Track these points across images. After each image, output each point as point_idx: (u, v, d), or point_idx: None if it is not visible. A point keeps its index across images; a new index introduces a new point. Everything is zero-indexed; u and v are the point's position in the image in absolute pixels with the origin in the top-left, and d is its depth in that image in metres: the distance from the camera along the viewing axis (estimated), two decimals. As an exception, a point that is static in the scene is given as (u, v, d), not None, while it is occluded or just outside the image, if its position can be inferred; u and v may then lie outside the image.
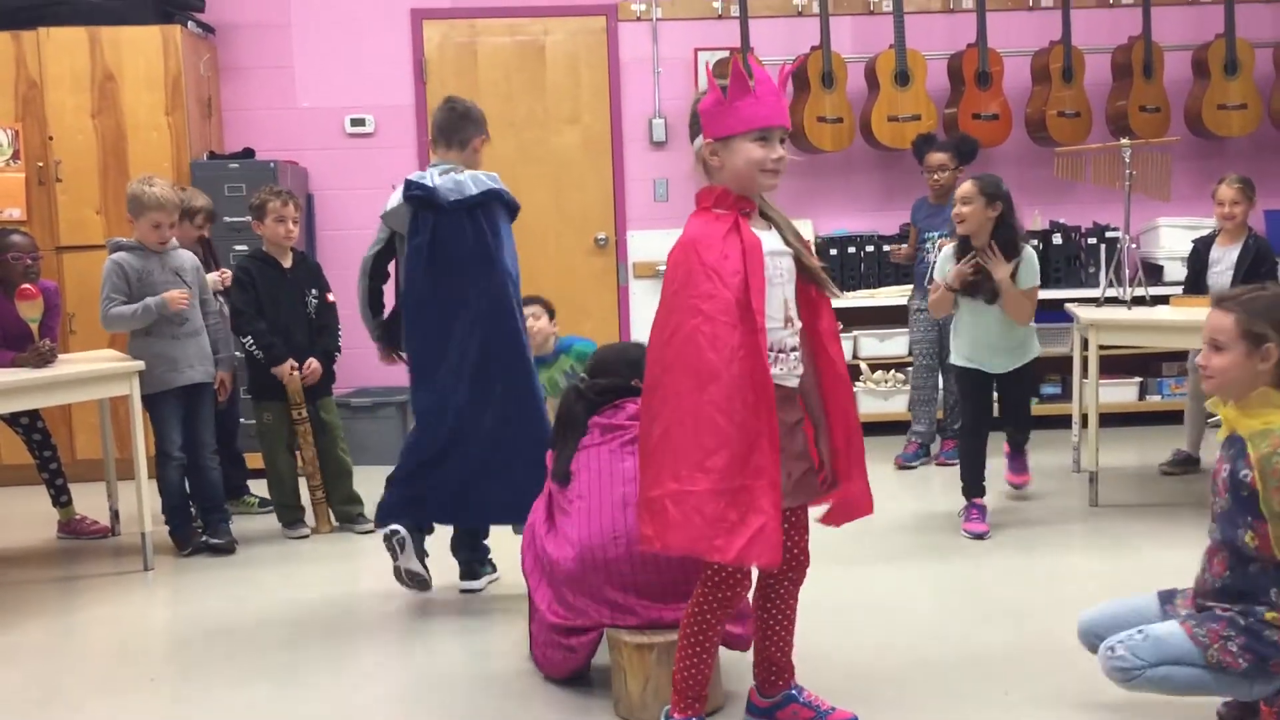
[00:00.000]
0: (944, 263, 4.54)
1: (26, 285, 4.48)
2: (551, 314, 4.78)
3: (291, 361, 4.75)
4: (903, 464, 5.59)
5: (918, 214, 5.64)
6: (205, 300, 4.75)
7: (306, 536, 4.82)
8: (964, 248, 4.44)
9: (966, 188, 4.40)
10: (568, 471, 3.13)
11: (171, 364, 4.54)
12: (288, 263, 4.86)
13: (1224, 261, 5.15)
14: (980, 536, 4.39)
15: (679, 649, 2.67)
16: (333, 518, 4.90)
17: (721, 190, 2.57)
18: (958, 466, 4.61)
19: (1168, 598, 2.81)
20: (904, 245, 5.77)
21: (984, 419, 4.55)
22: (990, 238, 4.35)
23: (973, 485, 4.52)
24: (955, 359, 4.61)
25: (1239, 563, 2.62)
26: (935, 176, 5.40)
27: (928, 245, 5.41)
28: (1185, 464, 5.23)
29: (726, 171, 2.55)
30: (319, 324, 4.87)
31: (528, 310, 4.17)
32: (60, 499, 4.97)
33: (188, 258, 4.70)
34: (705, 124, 2.55)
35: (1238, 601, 2.61)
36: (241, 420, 5.28)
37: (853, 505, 2.73)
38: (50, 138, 5.89)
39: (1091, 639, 2.81)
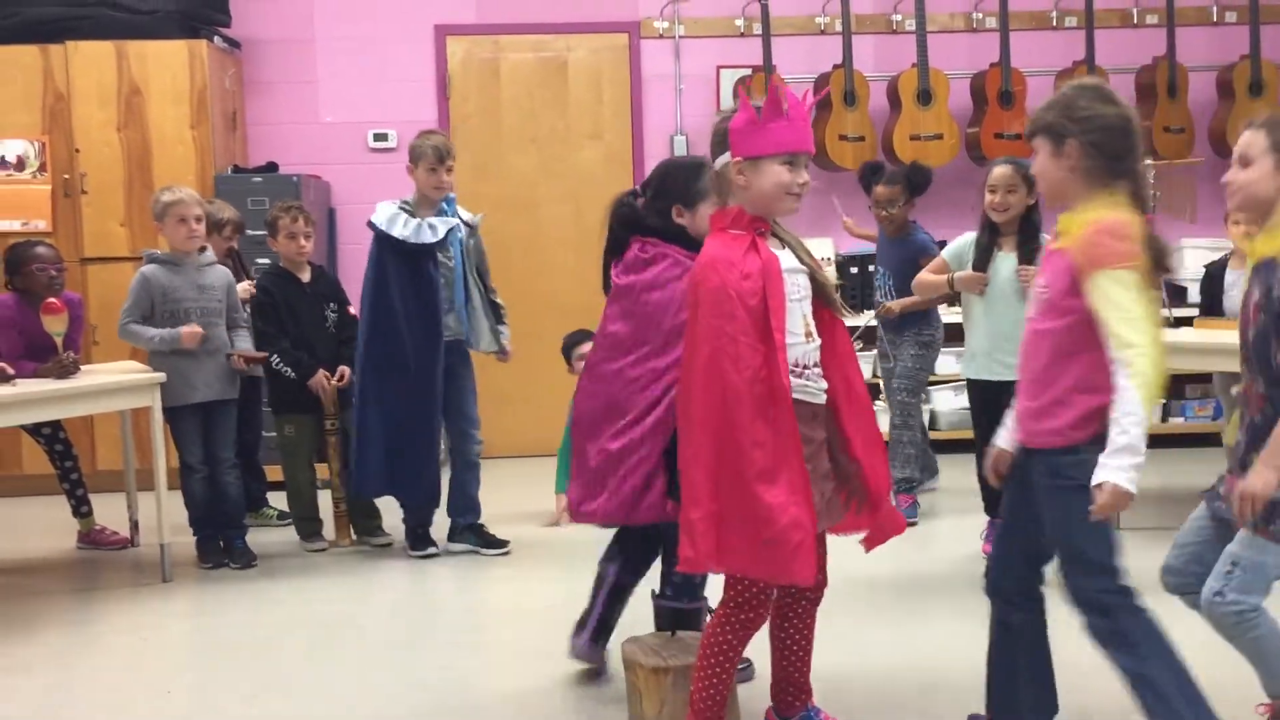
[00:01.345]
0: (963, 250, 4.32)
1: (52, 300, 4.50)
2: None
3: (323, 372, 4.75)
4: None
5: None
6: (235, 317, 4.75)
7: (324, 549, 4.83)
8: (991, 236, 4.22)
9: (1006, 174, 4.13)
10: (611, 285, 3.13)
11: (186, 380, 4.53)
12: (306, 277, 4.86)
13: (1240, 284, 5.03)
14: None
15: (697, 670, 2.66)
16: (353, 531, 4.90)
17: (737, 211, 2.57)
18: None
19: (1212, 496, 2.70)
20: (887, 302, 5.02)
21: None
22: (1018, 227, 4.16)
23: (995, 501, 4.40)
24: (967, 369, 4.39)
25: (1275, 390, 2.52)
26: (885, 212, 4.98)
27: (878, 281, 5.12)
28: None
29: (751, 192, 2.54)
30: (341, 337, 4.85)
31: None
32: (80, 509, 4.99)
33: (220, 274, 4.70)
34: (735, 142, 2.54)
35: None
36: (263, 433, 5.29)
37: (886, 526, 2.73)
38: (76, 150, 5.94)
39: (1169, 579, 2.73)
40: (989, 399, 4.26)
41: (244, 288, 4.95)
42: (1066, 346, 2.44)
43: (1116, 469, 2.31)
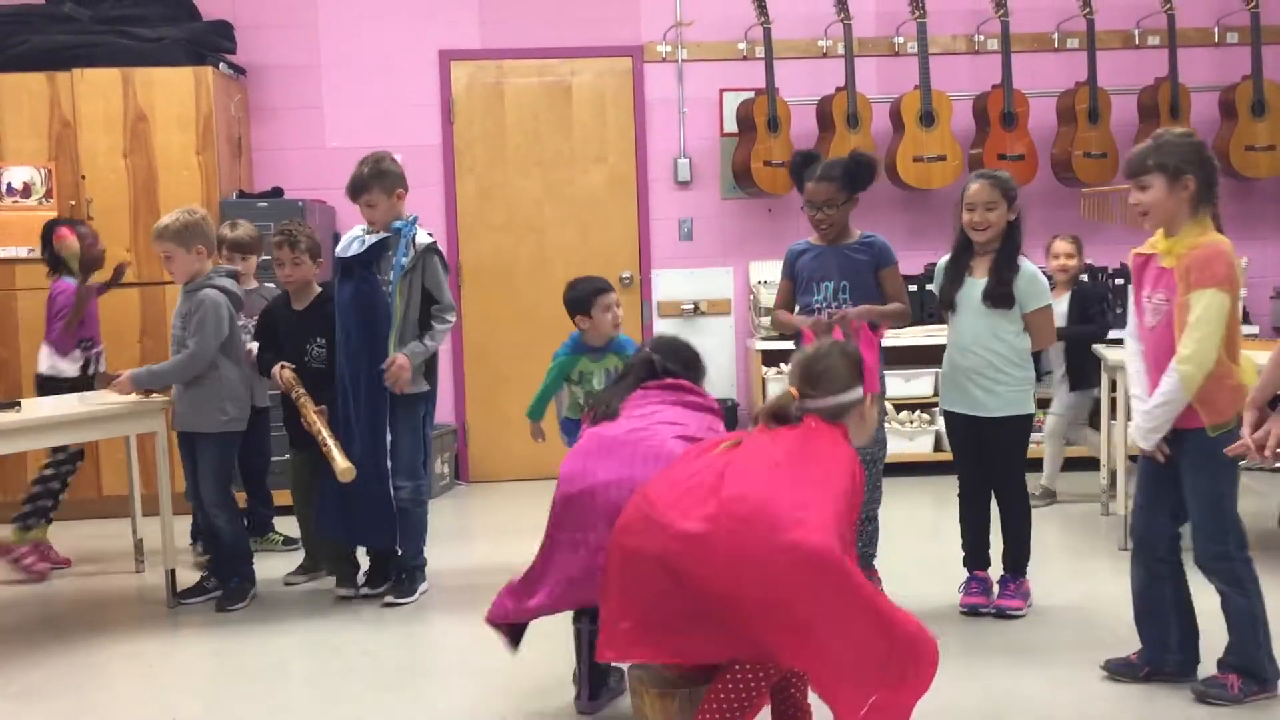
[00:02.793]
0: (938, 276, 4.13)
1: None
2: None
3: (283, 365, 4.48)
4: None
5: (798, 260, 4.24)
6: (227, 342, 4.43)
7: (354, 595, 4.51)
8: (964, 255, 4.01)
9: (985, 190, 3.90)
10: (615, 409, 3.23)
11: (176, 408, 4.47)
12: (301, 305, 4.64)
13: (1056, 310, 4.70)
14: (976, 611, 4.01)
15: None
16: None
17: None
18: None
19: None
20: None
21: (980, 474, 4.08)
22: (999, 244, 3.94)
23: (975, 554, 4.10)
24: (943, 399, 4.17)
25: None
26: (819, 214, 4.10)
27: (818, 300, 4.14)
28: (1049, 498, 5.63)
29: (866, 425, 2.82)
30: (324, 374, 4.48)
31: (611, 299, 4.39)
32: (27, 521, 4.92)
33: (190, 302, 4.42)
34: (869, 380, 2.82)
35: None
36: (273, 458, 5.25)
37: None
38: (83, 177, 5.97)
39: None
40: (957, 430, 4.10)
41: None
42: None
43: (1134, 426, 3.29)
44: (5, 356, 5.94)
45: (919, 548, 4.94)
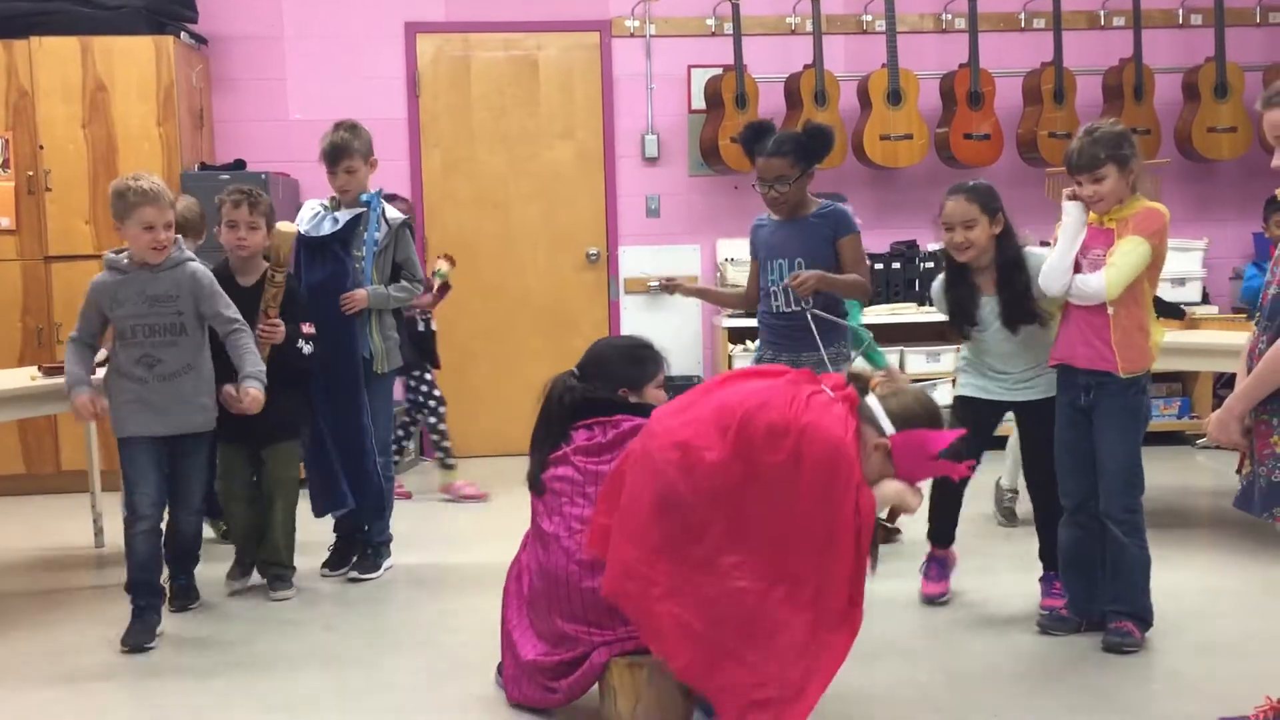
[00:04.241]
0: (937, 300, 3.86)
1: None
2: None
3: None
4: None
5: (755, 236, 4.10)
6: (216, 315, 3.80)
7: (289, 598, 4.20)
8: (959, 277, 3.71)
9: (960, 208, 3.62)
10: (541, 482, 3.08)
11: (143, 408, 3.73)
12: (247, 281, 4.08)
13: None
14: (936, 600, 3.91)
15: None
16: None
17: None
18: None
19: None
20: (675, 278, 4.47)
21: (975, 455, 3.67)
22: (993, 259, 3.65)
23: (940, 531, 3.98)
24: (960, 385, 3.87)
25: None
26: (772, 192, 3.90)
27: (774, 279, 3.94)
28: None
29: (876, 469, 2.74)
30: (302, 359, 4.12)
31: None
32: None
33: (184, 279, 3.76)
34: (906, 465, 2.75)
35: None
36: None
37: None
38: (41, 147, 5.87)
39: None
40: (977, 415, 3.75)
41: None
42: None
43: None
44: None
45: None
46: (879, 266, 6.26)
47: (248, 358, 3.81)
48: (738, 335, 6.27)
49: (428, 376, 5.67)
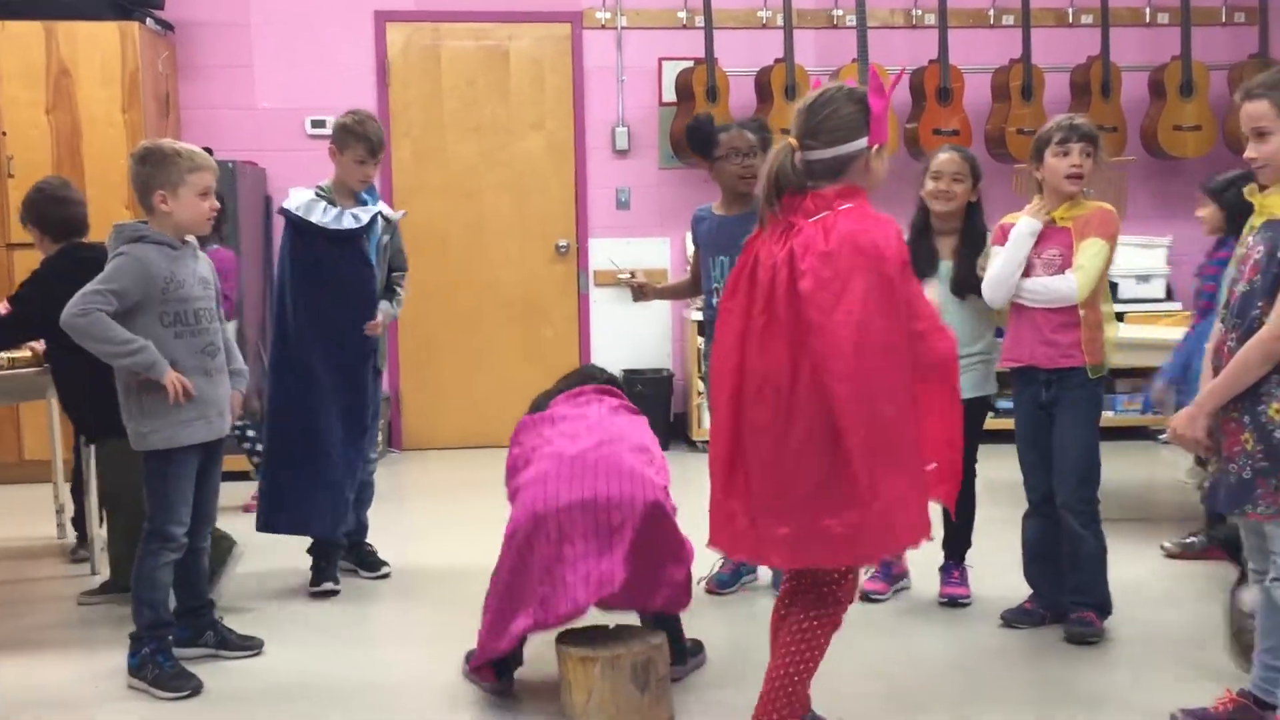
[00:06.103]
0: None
1: None
2: None
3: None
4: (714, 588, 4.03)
5: (695, 230, 4.05)
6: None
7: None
8: (927, 236, 3.73)
9: (955, 160, 3.70)
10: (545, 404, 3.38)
11: (202, 411, 3.25)
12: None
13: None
14: (958, 601, 3.84)
15: (795, 677, 2.62)
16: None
17: (861, 192, 2.55)
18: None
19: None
20: (643, 281, 4.23)
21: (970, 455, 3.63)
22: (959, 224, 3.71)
23: (958, 541, 3.87)
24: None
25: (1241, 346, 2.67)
26: (747, 162, 3.81)
27: (715, 280, 3.84)
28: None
29: (872, 178, 2.59)
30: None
31: None
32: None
33: (206, 262, 3.41)
34: (876, 129, 2.55)
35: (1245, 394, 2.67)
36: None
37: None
38: (3, 133, 5.79)
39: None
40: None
41: None
42: None
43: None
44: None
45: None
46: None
47: (235, 352, 3.50)
48: (707, 328, 6.26)
49: None
